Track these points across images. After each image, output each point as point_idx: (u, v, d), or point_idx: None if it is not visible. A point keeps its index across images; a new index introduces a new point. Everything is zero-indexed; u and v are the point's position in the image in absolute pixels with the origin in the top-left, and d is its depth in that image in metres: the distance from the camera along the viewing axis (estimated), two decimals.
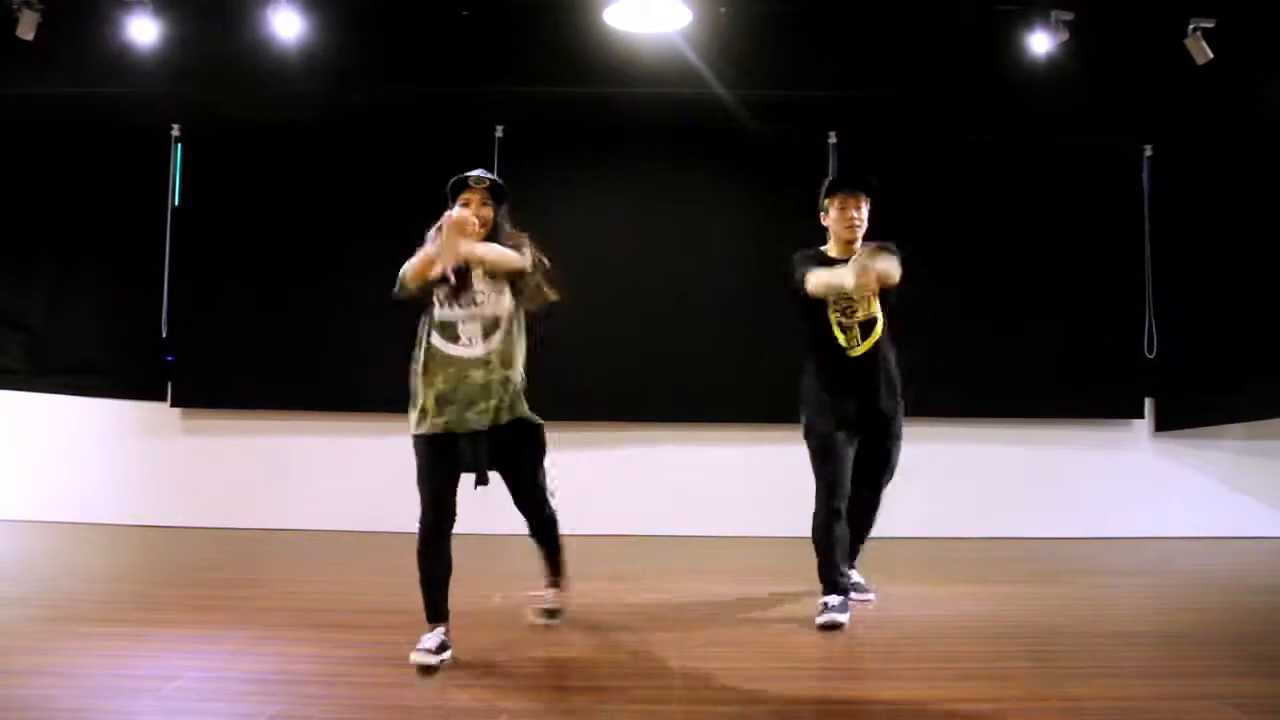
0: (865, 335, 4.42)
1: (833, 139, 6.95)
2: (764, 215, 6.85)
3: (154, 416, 6.92)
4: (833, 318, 4.42)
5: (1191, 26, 6.06)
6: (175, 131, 6.91)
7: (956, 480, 6.90)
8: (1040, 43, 6.26)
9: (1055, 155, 6.97)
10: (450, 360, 3.66)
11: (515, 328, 3.91)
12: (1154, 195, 7.02)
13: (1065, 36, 6.16)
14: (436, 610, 3.63)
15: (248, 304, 6.84)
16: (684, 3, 5.82)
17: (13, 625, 4.08)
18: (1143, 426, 7.05)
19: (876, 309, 4.45)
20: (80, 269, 6.91)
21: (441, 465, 3.68)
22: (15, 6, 5.93)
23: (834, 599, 4.20)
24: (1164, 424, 7.01)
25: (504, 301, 3.84)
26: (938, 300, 6.86)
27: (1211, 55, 6.06)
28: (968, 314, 6.89)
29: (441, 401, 3.64)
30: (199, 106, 6.84)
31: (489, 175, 3.99)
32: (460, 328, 3.71)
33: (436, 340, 3.69)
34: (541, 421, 4.03)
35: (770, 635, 4.08)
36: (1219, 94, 6.55)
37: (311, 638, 3.87)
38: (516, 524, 6.22)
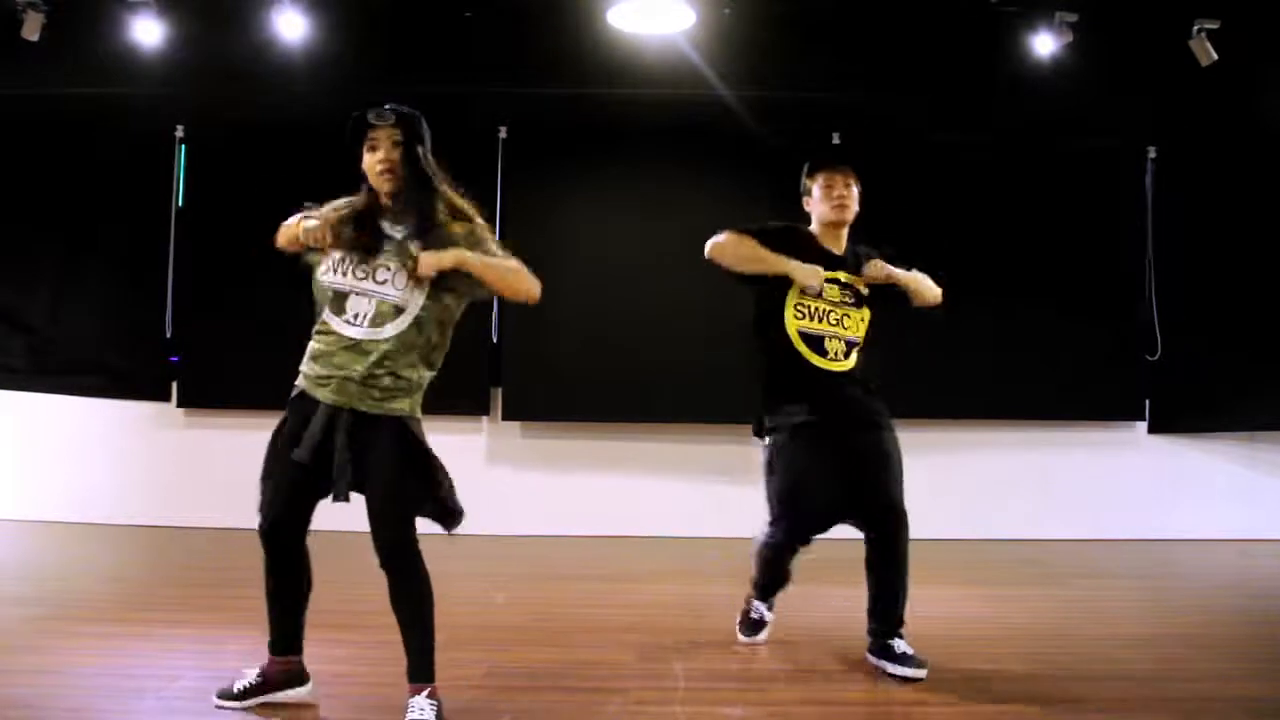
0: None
1: (836, 140, 6.95)
2: (768, 216, 6.81)
3: (158, 416, 6.93)
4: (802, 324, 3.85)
5: (1196, 28, 6.05)
6: (179, 132, 6.92)
7: (957, 482, 6.89)
8: (1044, 44, 6.25)
9: (1059, 157, 6.95)
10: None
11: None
12: (1157, 197, 7.01)
13: (1069, 38, 6.15)
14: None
15: (251, 304, 6.84)
16: (687, 4, 5.82)
17: (16, 624, 4.09)
18: (1145, 428, 7.04)
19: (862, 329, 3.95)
20: (84, 269, 6.92)
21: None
22: (20, 8, 5.94)
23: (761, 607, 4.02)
24: (1162, 427, 7.00)
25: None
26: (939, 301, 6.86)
27: (1216, 57, 6.05)
28: (969, 315, 6.84)
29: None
30: (203, 107, 6.85)
31: (397, 108, 3.41)
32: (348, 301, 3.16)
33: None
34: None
35: (773, 636, 4.07)
36: (1223, 96, 6.53)
37: (314, 638, 3.86)
38: (512, 524, 6.23)
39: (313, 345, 3.24)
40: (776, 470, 3.73)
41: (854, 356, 3.89)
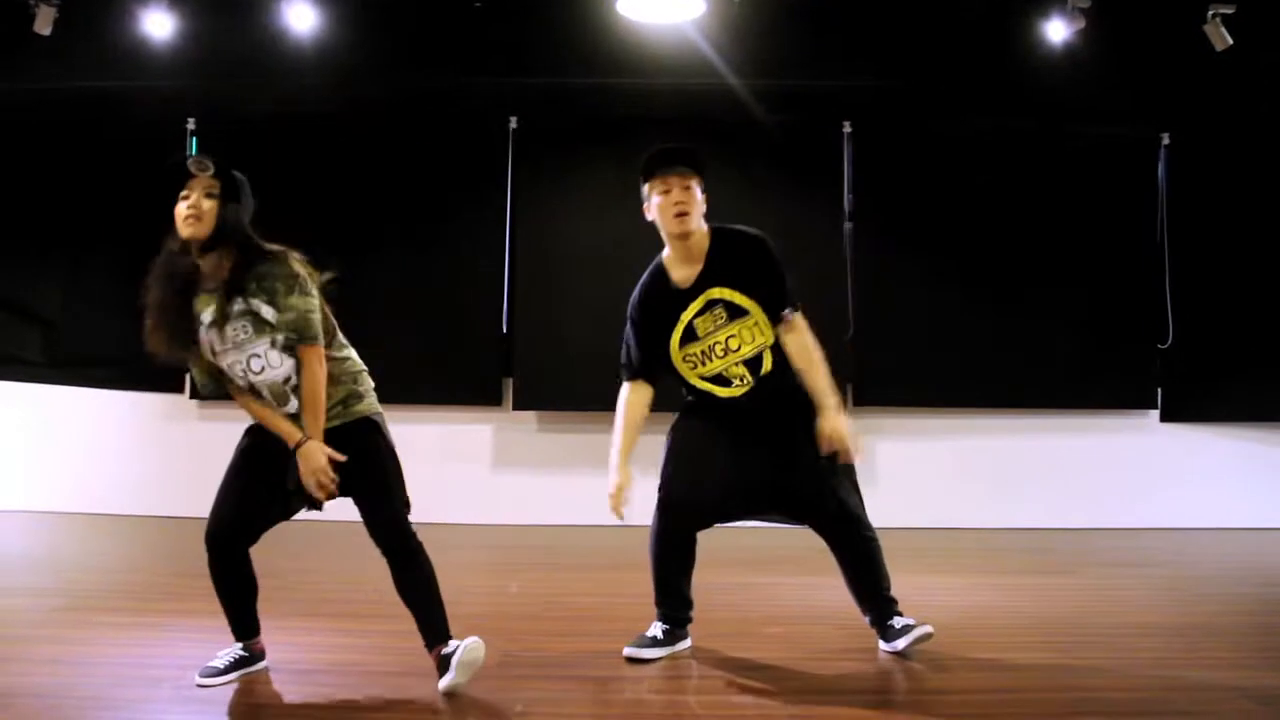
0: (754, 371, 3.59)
1: (847, 129, 6.93)
2: (778, 205, 6.84)
3: (171, 408, 6.95)
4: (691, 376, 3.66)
5: (1211, 13, 6.01)
6: (190, 125, 6.93)
7: (968, 470, 6.88)
8: (1057, 30, 6.22)
9: (1071, 144, 6.92)
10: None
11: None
12: (1171, 184, 6.97)
13: (1082, 24, 6.12)
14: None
15: None
16: None
17: (33, 615, 4.11)
18: (1157, 416, 7.01)
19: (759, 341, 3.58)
20: (96, 261, 6.93)
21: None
22: (33, 2, 5.96)
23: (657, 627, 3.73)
24: (1175, 415, 6.97)
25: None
26: (950, 289, 6.86)
27: (1231, 42, 6.01)
28: (981, 303, 6.86)
29: None
30: (214, 100, 6.86)
31: (212, 160, 3.32)
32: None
33: None
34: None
35: (785, 625, 4.08)
36: (1238, 81, 6.50)
37: (327, 628, 3.89)
38: (524, 514, 6.25)
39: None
40: (670, 435, 3.71)
41: (765, 363, 3.56)
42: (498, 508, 6.65)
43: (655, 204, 3.69)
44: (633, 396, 3.71)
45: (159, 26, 6.21)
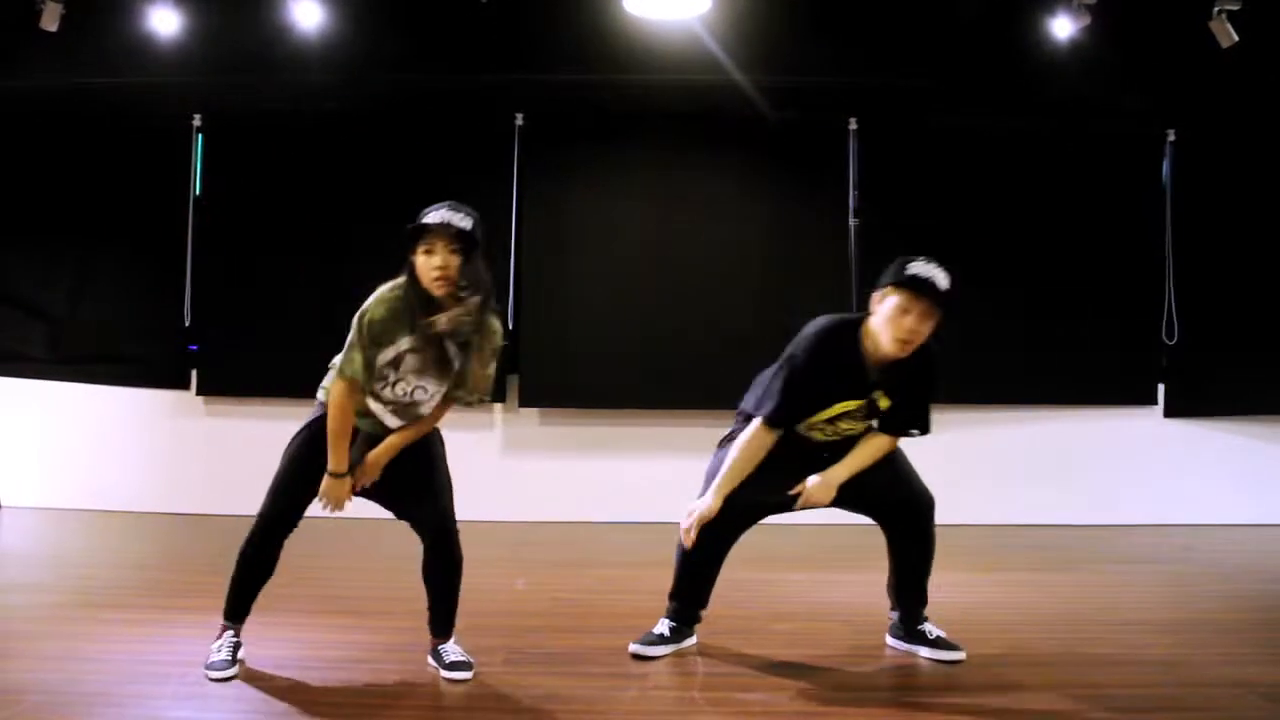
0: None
1: (853, 125, 6.92)
2: (783, 202, 6.84)
3: (178, 404, 6.96)
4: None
5: (1217, 9, 5.98)
6: (196, 121, 6.94)
7: (972, 467, 6.87)
8: (1062, 27, 6.21)
9: (1076, 140, 6.90)
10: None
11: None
12: (1176, 181, 6.96)
13: (1087, 20, 6.10)
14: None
15: (270, 292, 6.87)
16: None
17: (39, 611, 4.13)
18: (1161, 413, 7.00)
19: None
20: (102, 258, 6.95)
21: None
22: None
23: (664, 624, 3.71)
24: (1179, 411, 6.96)
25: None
26: (953, 285, 6.84)
27: (1237, 38, 5.99)
28: (984, 300, 6.82)
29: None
30: (220, 97, 6.86)
31: (462, 218, 3.37)
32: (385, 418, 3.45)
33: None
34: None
35: (792, 622, 4.08)
36: (1244, 78, 6.48)
37: (334, 624, 3.90)
38: (530, 511, 6.26)
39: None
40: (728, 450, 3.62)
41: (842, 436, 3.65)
42: (503, 505, 6.65)
43: (886, 310, 3.50)
44: (766, 442, 3.56)
45: (165, 23, 6.21)
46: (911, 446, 4.52)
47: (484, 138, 6.90)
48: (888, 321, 3.44)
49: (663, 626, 3.69)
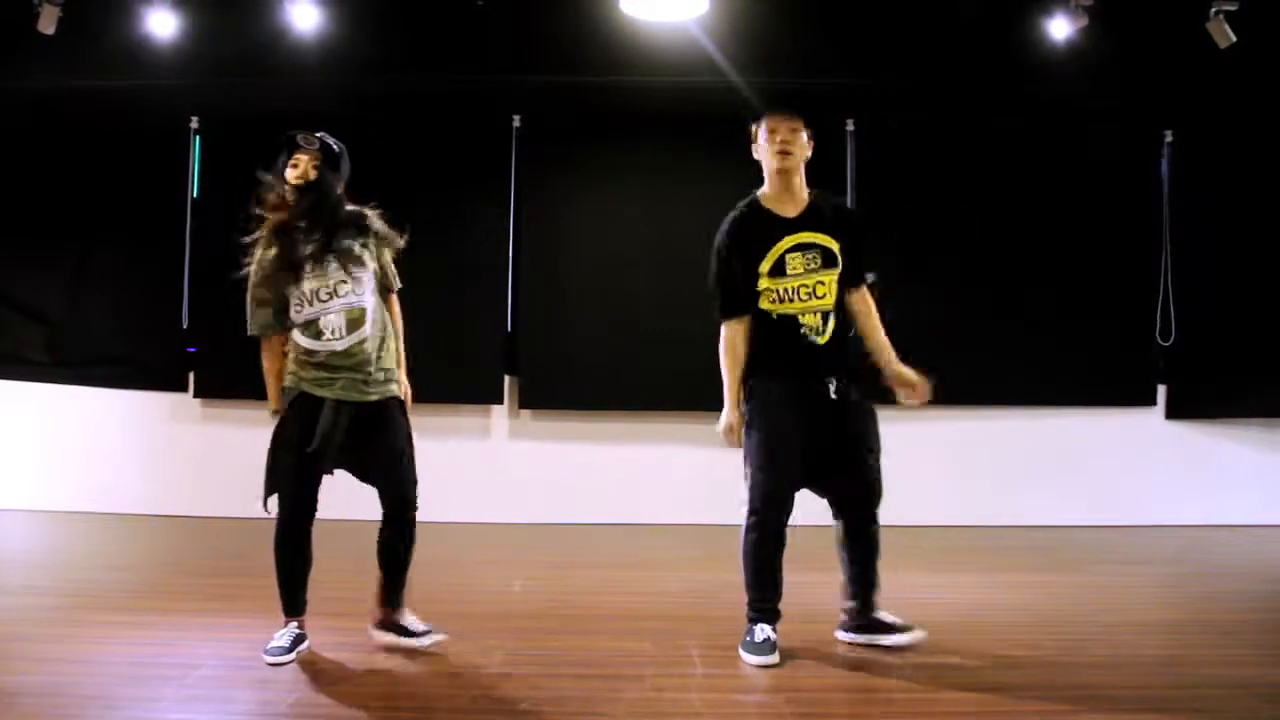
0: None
1: (850, 127, 6.92)
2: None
3: (176, 407, 6.96)
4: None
5: (1214, 9, 5.99)
6: (194, 124, 6.94)
7: (972, 468, 6.88)
8: (1060, 28, 6.22)
9: (1074, 141, 6.91)
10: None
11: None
12: (1174, 181, 6.96)
13: (1085, 21, 6.11)
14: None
15: None
16: None
17: (38, 614, 4.12)
18: (1160, 413, 7.01)
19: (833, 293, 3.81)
20: (101, 261, 6.95)
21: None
22: (36, 1, 5.97)
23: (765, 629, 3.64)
24: (1176, 412, 6.96)
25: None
26: (952, 285, 6.85)
27: (1234, 39, 6.00)
28: (984, 300, 6.85)
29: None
30: (217, 99, 6.86)
31: (320, 137, 4.09)
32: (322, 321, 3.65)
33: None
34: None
35: (790, 623, 4.08)
36: (1241, 78, 6.48)
37: (332, 626, 3.89)
38: (528, 513, 6.25)
39: (298, 357, 3.65)
40: (756, 427, 3.74)
41: (830, 325, 3.81)
42: (501, 506, 6.65)
43: (762, 142, 3.89)
44: (735, 336, 3.84)
45: (162, 25, 6.22)
46: (912, 446, 4.54)
47: (481, 139, 6.90)
48: (766, 151, 3.85)
49: (766, 631, 3.61)
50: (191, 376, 6.96)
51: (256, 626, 3.85)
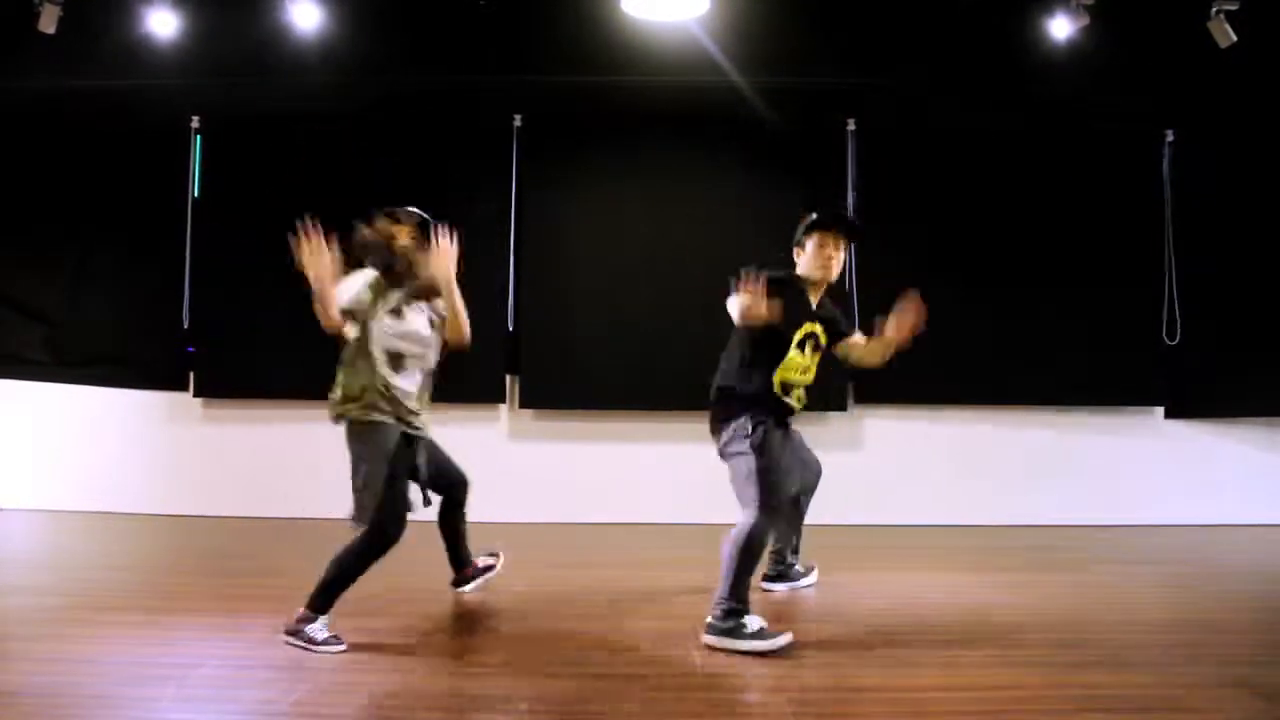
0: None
1: (851, 126, 6.92)
2: (781, 203, 6.82)
3: (176, 406, 6.96)
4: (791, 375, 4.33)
5: (1215, 9, 5.99)
6: (195, 123, 6.94)
7: (974, 467, 6.88)
8: (1060, 27, 6.21)
9: (1076, 141, 6.91)
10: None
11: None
12: (1175, 181, 6.96)
13: (1086, 21, 6.11)
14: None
15: (268, 294, 6.84)
16: None
17: (37, 614, 4.12)
18: (1163, 413, 7.00)
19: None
20: (101, 260, 6.95)
21: None
22: (37, 1, 5.97)
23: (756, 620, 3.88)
24: (1181, 412, 6.96)
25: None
26: (954, 286, 6.83)
27: (1235, 38, 6.00)
28: (986, 300, 6.85)
29: None
30: (218, 98, 6.87)
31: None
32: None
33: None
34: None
35: (790, 624, 4.08)
36: (1242, 78, 6.48)
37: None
38: (529, 512, 6.24)
39: (388, 392, 4.04)
40: (764, 454, 4.13)
41: (802, 400, 4.41)
42: (502, 506, 6.64)
43: (809, 250, 4.38)
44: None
45: (163, 25, 6.23)
46: (913, 447, 4.61)
47: (482, 139, 6.90)
48: (813, 260, 4.34)
49: (758, 622, 3.83)
50: (191, 376, 6.96)
51: (256, 626, 3.85)
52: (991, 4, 6.34)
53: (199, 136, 6.95)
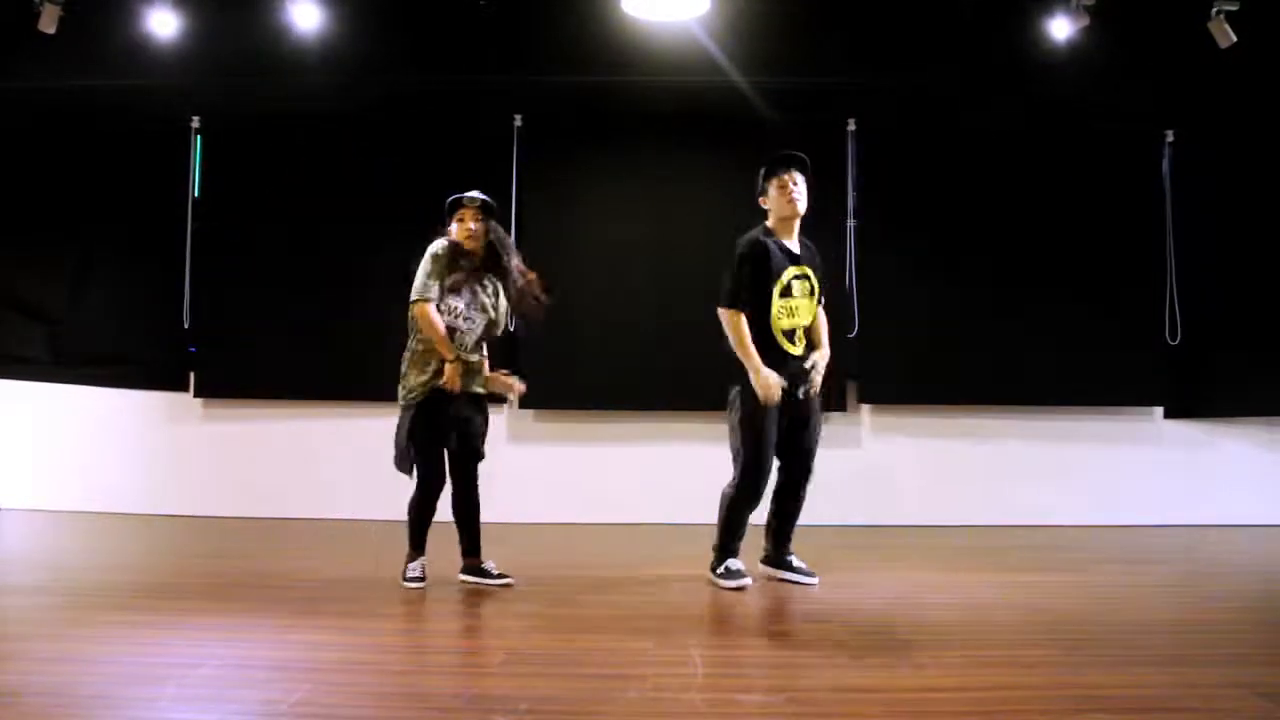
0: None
1: (852, 126, 6.92)
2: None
3: (176, 407, 6.97)
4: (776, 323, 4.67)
5: (1215, 9, 6.00)
6: (195, 123, 6.95)
7: (974, 468, 6.89)
8: (1061, 28, 6.21)
9: (1076, 141, 6.92)
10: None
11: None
12: (1176, 181, 6.96)
13: (1086, 21, 6.11)
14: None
15: (269, 294, 6.87)
16: None
17: (37, 613, 4.12)
18: (1163, 414, 7.01)
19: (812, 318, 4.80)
20: (102, 260, 6.96)
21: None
22: (38, 1, 5.97)
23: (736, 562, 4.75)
24: (1181, 412, 6.96)
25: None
26: (954, 287, 6.85)
27: (1235, 38, 6.00)
28: (985, 301, 6.86)
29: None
30: (218, 98, 6.87)
31: (480, 195, 4.74)
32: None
33: None
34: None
35: (790, 624, 4.08)
36: (1242, 78, 6.48)
37: (334, 625, 3.89)
38: (529, 512, 6.22)
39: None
40: (748, 428, 4.61)
41: (801, 342, 4.75)
42: (501, 506, 6.63)
43: (772, 194, 4.76)
44: (744, 322, 4.63)
45: (163, 25, 6.23)
46: (913, 447, 4.63)
47: (482, 139, 6.90)
48: (779, 201, 4.73)
49: (739, 563, 4.72)
50: (192, 376, 6.96)
51: (256, 626, 3.85)
52: (992, 4, 6.34)
53: (199, 137, 6.97)
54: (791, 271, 4.68)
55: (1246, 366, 6.83)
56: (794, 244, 4.76)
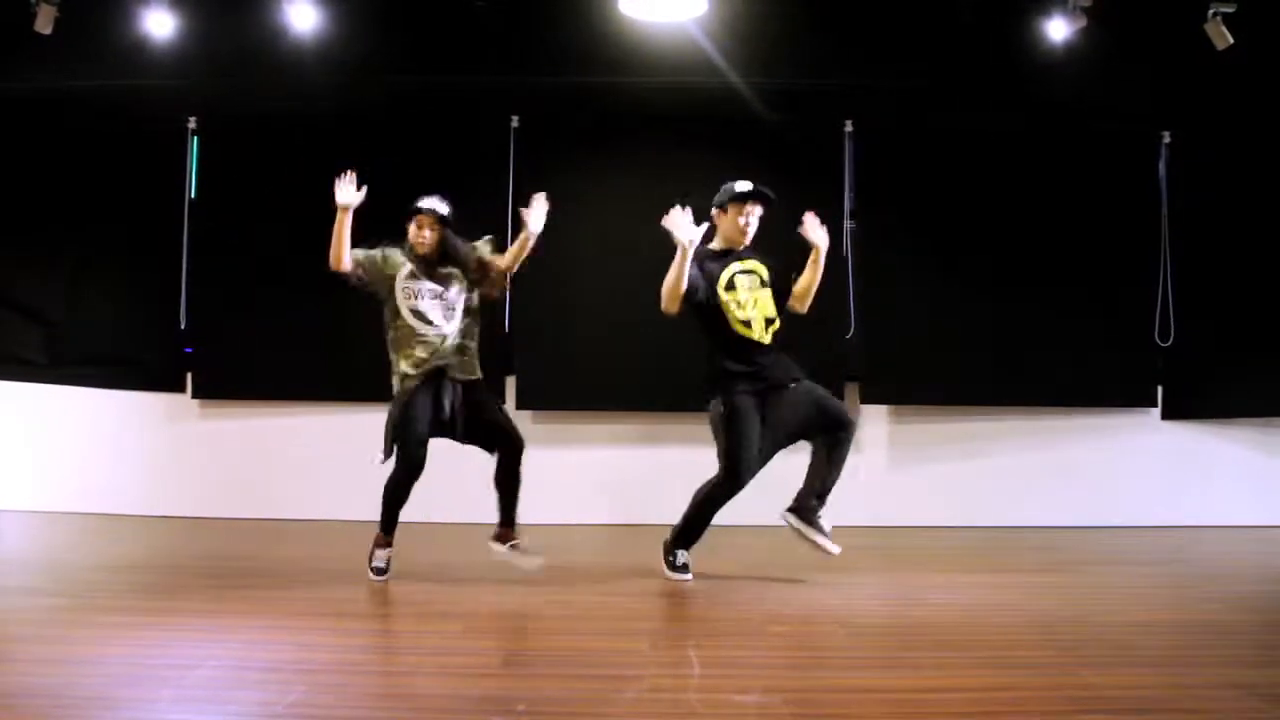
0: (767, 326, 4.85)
1: (848, 128, 6.92)
2: (781, 204, 6.84)
3: (173, 407, 6.96)
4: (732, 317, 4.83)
5: (1212, 11, 6.01)
6: (191, 124, 6.94)
7: (970, 469, 6.89)
8: (1058, 29, 6.22)
9: (1072, 142, 6.92)
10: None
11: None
12: (1172, 182, 6.97)
13: (1083, 22, 6.12)
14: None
15: (266, 295, 6.86)
16: None
17: (34, 614, 4.11)
18: (1158, 414, 7.01)
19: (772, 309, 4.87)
20: (98, 261, 6.95)
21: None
22: (34, 1, 5.96)
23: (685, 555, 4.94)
24: (1176, 413, 6.97)
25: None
26: (952, 287, 6.86)
27: (1232, 40, 6.00)
28: (982, 301, 6.87)
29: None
30: (215, 99, 6.87)
31: (437, 206, 5.13)
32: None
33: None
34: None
35: (788, 624, 4.08)
36: (1239, 80, 6.49)
37: (330, 627, 3.89)
38: (526, 513, 6.21)
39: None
40: (730, 430, 4.73)
41: (771, 330, 4.83)
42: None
43: (732, 222, 4.94)
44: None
45: (160, 25, 6.23)
46: (913, 446, 4.62)
47: (479, 140, 6.90)
48: (732, 226, 4.93)
49: (684, 558, 4.91)
50: (189, 377, 6.95)
51: (254, 627, 3.85)
52: (990, 5, 6.35)
53: (196, 137, 6.95)
54: (734, 268, 4.88)
55: (1243, 367, 6.84)
56: (735, 254, 4.96)
